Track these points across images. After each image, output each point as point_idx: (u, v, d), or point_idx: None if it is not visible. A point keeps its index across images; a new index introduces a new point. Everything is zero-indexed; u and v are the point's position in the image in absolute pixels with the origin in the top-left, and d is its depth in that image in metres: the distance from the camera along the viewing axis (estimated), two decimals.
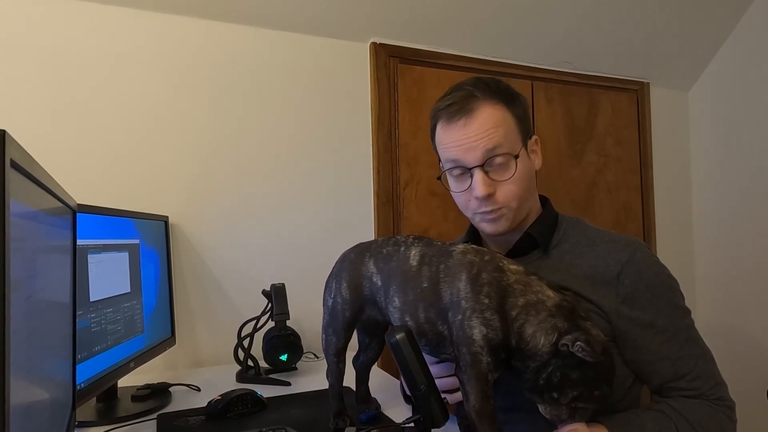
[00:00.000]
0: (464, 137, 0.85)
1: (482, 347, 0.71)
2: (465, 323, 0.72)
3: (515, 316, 0.71)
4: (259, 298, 1.48)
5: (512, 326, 0.71)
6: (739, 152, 2.26)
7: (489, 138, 0.83)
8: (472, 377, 0.71)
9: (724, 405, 0.81)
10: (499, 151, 0.84)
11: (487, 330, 0.71)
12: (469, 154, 0.84)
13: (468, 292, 0.73)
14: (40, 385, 0.57)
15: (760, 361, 2.15)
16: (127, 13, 1.53)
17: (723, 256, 2.34)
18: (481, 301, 0.72)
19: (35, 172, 0.54)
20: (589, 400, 0.69)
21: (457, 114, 0.85)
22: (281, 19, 1.69)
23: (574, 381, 0.68)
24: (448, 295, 0.76)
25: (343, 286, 0.90)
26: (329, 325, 0.93)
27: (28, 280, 0.51)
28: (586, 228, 0.92)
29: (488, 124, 0.84)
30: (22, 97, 1.42)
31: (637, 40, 2.17)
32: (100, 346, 1.06)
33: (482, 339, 0.71)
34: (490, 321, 0.71)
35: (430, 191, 1.91)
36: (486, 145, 0.83)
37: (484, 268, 0.74)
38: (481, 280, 0.73)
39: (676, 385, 0.80)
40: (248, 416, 1.06)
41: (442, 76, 1.95)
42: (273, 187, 1.71)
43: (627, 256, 0.83)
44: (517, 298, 0.72)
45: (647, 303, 0.82)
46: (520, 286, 0.73)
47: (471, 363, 0.71)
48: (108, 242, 1.12)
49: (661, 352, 0.81)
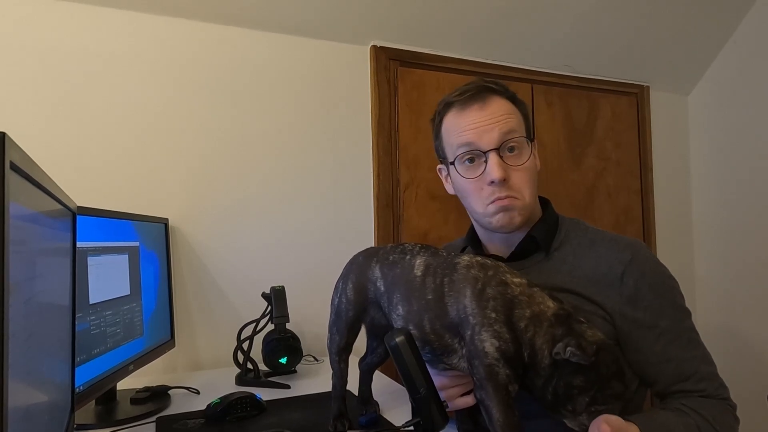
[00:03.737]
0: (480, 120, 0.86)
1: (497, 359, 0.69)
2: (476, 338, 0.71)
3: (524, 328, 0.70)
4: (258, 301, 1.48)
5: (523, 338, 0.70)
6: (739, 156, 2.26)
7: (505, 122, 0.86)
8: (490, 390, 0.69)
9: (729, 406, 0.81)
10: (514, 135, 0.86)
11: (499, 342, 0.70)
12: (484, 137, 0.85)
13: (474, 308, 0.73)
14: (39, 388, 0.57)
15: (760, 365, 2.15)
16: (129, 16, 1.54)
17: (723, 260, 2.34)
18: (488, 316, 0.71)
19: (35, 174, 0.54)
20: (605, 402, 0.68)
21: (471, 99, 0.88)
22: (281, 22, 1.70)
23: (581, 387, 0.67)
24: (455, 311, 0.76)
25: (349, 286, 0.92)
26: (334, 323, 0.96)
27: (28, 283, 0.51)
28: (587, 229, 0.93)
29: (503, 110, 0.87)
30: (22, 100, 1.42)
31: (638, 44, 2.18)
32: (100, 349, 1.06)
33: (495, 351, 0.69)
34: (500, 333, 0.70)
35: (430, 194, 1.91)
36: (502, 128, 0.85)
37: (488, 283, 0.74)
38: (486, 295, 0.73)
39: (682, 387, 0.80)
40: (247, 419, 1.06)
41: (443, 79, 1.96)
42: (273, 190, 1.71)
43: (629, 255, 0.83)
44: (524, 309, 0.71)
45: (650, 303, 0.81)
46: (525, 297, 0.72)
47: (487, 376, 0.70)
48: (108, 245, 1.12)
49: (665, 353, 0.81)
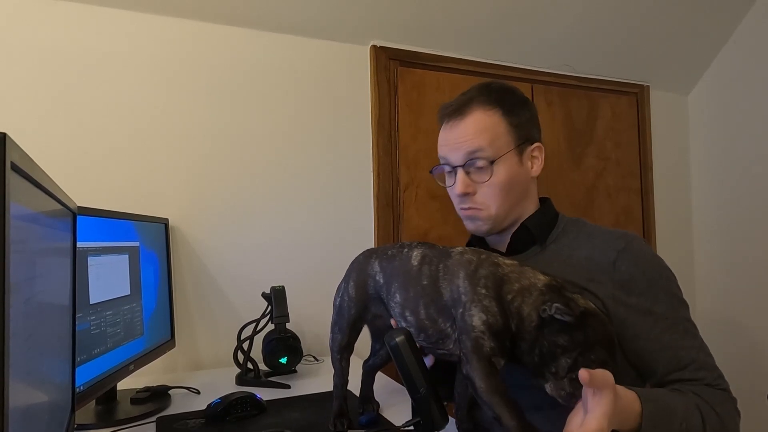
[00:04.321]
0: (452, 138, 0.92)
1: (483, 332, 0.72)
2: (465, 314, 0.74)
3: (511, 299, 0.73)
4: (258, 301, 1.48)
5: (510, 309, 0.73)
6: (739, 155, 2.26)
7: (471, 141, 0.89)
8: (474, 362, 0.71)
9: (730, 396, 0.80)
10: (480, 154, 0.89)
11: (486, 316, 0.72)
12: (453, 154, 0.92)
13: (467, 286, 0.76)
14: (40, 388, 0.57)
15: (760, 364, 2.15)
16: (129, 16, 1.54)
17: (723, 259, 2.34)
18: (479, 292, 0.74)
19: (36, 174, 0.54)
20: (587, 366, 0.66)
21: (451, 116, 0.93)
22: (282, 22, 1.70)
23: (564, 346, 0.67)
24: (448, 293, 0.78)
25: (350, 284, 0.95)
26: (335, 323, 0.98)
27: (28, 283, 0.51)
28: (585, 224, 0.95)
29: (474, 129, 0.90)
30: (23, 99, 1.42)
31: (637, 44, 2.18)
32: (100, 349, 1.06)
33: (482, 324, 0.72)
34: (489, 307, 0.73)
35: (430, 194, 1.91)
36: (468, 147, 0.90)
37: (481, 264, 0.77)
38: (478, 275, 0.76)
39: (680, 375, 0.79)
40: (248, 419, 1.06)
41: (442, 79, 1.96)
42: (273, 190, 1.71)
43: (623, 244, 0.85)
44: (513, 284, 0.74)
45: (644, 290, 0.82)
46: (515, 274, 0.75)
47: (472, 348, 0.72)
48: (108, 245, 1.12)
49: (661, 340, 0.81)
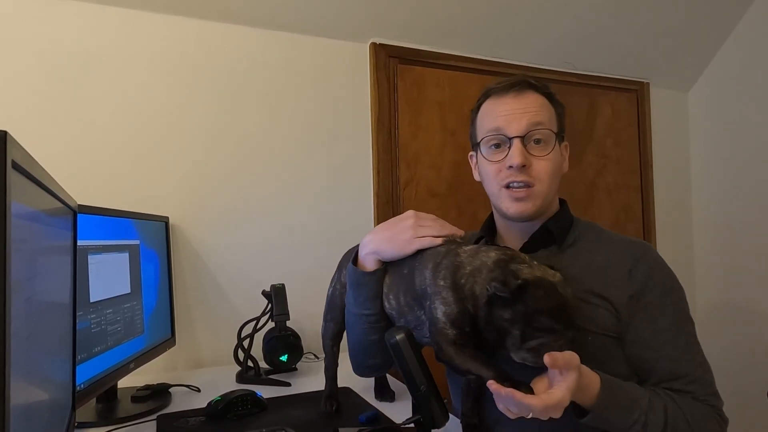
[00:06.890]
0: (513, 107, 0.90)
1: (445, 323, 0.77)
2: (432, 307, 0.80)
3: (464, 283, 0.77)
4: (259, 299, 1.48)
5: (465, 292, 0.76)
6: (739, 153, 2.26)
7: (535, 113, 0.89)
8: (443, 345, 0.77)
9: (716, 413, 0.80)
10: (542, 127, 0.89)
11: (445, 307, 0.78)
12: (513, 124, 0.89)
13: (430, 278, 0.82)
14: (40, 386, 0.57)
15: (760, 362, 2.15)
16: (129, 14, 1.53)
17: (723, 257, 2.34)
18: (438, 284, 0.80)
19: (36, 172, 0.54)
20: (534, 336, 0.69)
21: (510, 88, 0.91)
22: (281, 19, 1.69)
23: (509, 320, 0.70)
24: (419, 283, 0.84)
25: (342, 273, 0.99)
26: (327, 312, 1.04)
27: (29, 281, 0.51)
28: (602, 230, 0.95)
29: (537, 103, 0.90)
30: (23, 98, 1.42)
31: (637, 41, 2.18)
32: (100, 347, 1.06)
33: (443, 316, 0.78)
34: (446, 299, 0.78)
35: (430, 192, 1.90)
36: (531, 118, 0.88)
37: (445, 256, 0.82)
38: (440, 267, 0.81)
39: (671, 385, 0.80)
40: (248, 417, 1.06)
41: (442, 77, 1.96)
42: (273, 188, 1.71)
43: (641, 253, 0.87)
44: (465, 268, 0.78)
45: (655, 300, 0.83)
46: (469, 258, 0.79)
47: (439, 336, 0.78)
48: (108, 243, 1.12)
49: (661, 350, 0.82)
